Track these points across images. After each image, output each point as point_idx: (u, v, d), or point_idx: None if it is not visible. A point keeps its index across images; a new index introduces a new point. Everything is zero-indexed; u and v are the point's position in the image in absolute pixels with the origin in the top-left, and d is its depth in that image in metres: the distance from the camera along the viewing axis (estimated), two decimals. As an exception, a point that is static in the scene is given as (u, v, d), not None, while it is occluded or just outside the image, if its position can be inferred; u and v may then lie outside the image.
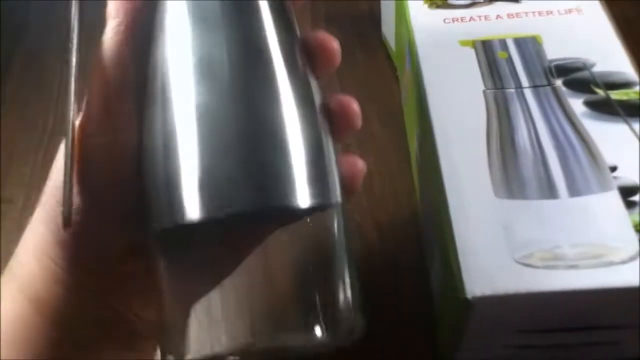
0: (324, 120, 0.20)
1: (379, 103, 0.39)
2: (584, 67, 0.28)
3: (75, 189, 0.18)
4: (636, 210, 0.23)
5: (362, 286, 0.21)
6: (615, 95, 0.27)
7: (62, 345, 0.19)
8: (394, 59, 0.40)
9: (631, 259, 0.22)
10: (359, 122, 0.21)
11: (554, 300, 0.22)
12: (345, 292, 0.20)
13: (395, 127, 0.38)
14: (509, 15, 0.31)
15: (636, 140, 0.25)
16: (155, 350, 0.21)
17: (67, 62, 0.18)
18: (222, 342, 0.19)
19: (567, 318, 0.23)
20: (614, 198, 0.23)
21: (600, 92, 0.27)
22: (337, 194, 0.20)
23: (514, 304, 0.22)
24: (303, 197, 0.18)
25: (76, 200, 0.18)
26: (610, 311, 0.23)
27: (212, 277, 0.18)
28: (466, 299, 0.21)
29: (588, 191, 0.24)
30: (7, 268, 0.20)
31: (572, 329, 0.24)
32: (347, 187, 0.20)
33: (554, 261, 0.22)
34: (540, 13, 0.31)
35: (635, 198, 0.23)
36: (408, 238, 0.32)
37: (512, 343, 0.25)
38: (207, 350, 0.19)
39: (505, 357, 0.26)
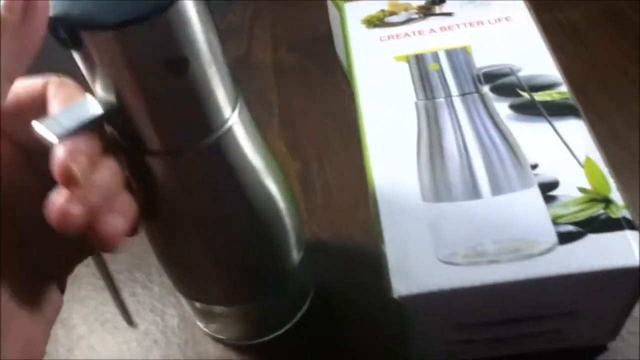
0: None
1: (337, 119, 0.41)
2: (510, 72, 0.30)
3: None
4: (555, 203, 0.24)
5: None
6: (539, 96, 0.28)
7: None
8: (348, 77, 0.42)
9: (549, 250, 0.23)
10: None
11: (478, 295, 0.23)
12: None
13: (353, 141, 0.39)
14: (441, 29, 0.33)
15: (557, 138, 0.26)
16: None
17: None
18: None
19: (499, 311, 0.24)
20: (534, 194, 0.25)
21: (525, 95, 0.28)
22: None
23: (440, 301, 0.23)
24: None
25: None
26: (538, 301, 0.24)
27: None
28: (394, 299, 0.23)
29: (510, 189, 0.25)
30: None
31: (510, 321, 0.25)
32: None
33: (476, 257, 0.23)
34: (471, 24, 0.32)
35: (554, 192, 0.25)
36: (367, 248, 0.34)
37: (454, 339, 0.26)
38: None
39: (454, 353, 0.27)
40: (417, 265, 0.23)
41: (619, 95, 0.39)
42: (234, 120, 0.22)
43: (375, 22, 0.34)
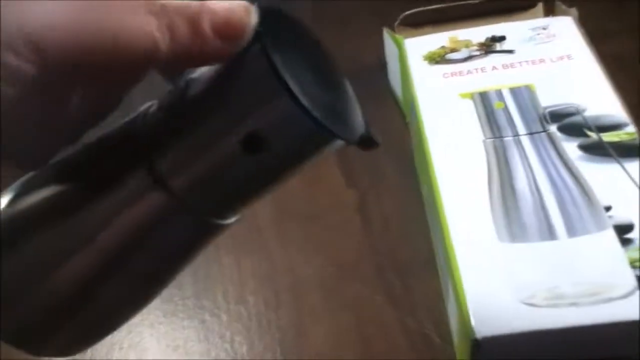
0: None
1: (391, 148, 0.42)
2: (576, 112, 0.30)
3: None
4: (631, 247, 0.25)
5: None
6: (607, 137, 0.29)
7: None
8: (402, 107, 0.43)
9: (629, 294, 0.23)
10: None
11: (558, 337, 0.23)
12: None
13: (408, 170, 0.40)
14: (503, 66, 0.33)
15: (628, 180, 0.27)
16: None
17: None
18: None
19: (574, 351, 0.25)
20: (610, 237, 0.25)
21: (593, 136, 0.29)
22: None
23: (521, 342, 0.23)
24: None
25: None
26: (615, 343, 0.24)
27: None
28: (476, 340, 0.23)
29: (585, 231, 0.25)
30: None
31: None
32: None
33: (555, 300, 0.24)
34: (533, 62, 0.33)
35: (630, 235, 0.25)
36: (426, 278, 0.34)
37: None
38: None
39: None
40: (497, 307, 0.24)
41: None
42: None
43: (437, 58, 0.35)
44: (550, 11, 0.39)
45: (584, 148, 0.29)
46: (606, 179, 0.27)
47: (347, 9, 0.53)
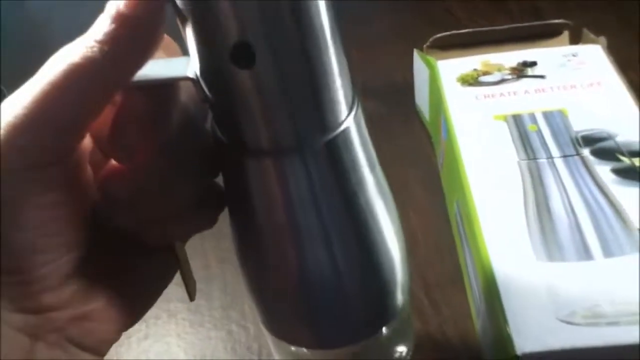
0: None
1: (417, 167, 0.43)
2: (608, 137, 0.31)
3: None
4: (667, 269, 0.25)
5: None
6: (638, 162, 0.29)
7: None
8: (428, 127, 0.43)
9: (667, 315, 0.24)
10: None
11: (598, 355, 0.24)
12: None
13: (434, 189, 0.40)
14: (535, 91, 0.34)
15: (662, 204, 0.28)
16: None
17: None
18: None
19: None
20: (646, 258, 0.26)
21: (626, 160, 0.30)
22: None
23: (560, 359, 0.24)
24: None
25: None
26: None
27: None
28: (516, 356, 0.24)
29: (621, 252, 0.26)
30: None
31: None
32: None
33: (595, 319, 0.24)
34: (564, 87, 0.34)
35: (666, 258, 0.26)
36: (455, 295, 0.35)
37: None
38: None
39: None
40: (537, 323, 0.24)
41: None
42: (350, 123, 0.19)
43: (470, 80, 0.36)
44: (576, 38, 0.40)
45: (617, 172, 0.29)
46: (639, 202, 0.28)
47: (375, 32, 0.55)
